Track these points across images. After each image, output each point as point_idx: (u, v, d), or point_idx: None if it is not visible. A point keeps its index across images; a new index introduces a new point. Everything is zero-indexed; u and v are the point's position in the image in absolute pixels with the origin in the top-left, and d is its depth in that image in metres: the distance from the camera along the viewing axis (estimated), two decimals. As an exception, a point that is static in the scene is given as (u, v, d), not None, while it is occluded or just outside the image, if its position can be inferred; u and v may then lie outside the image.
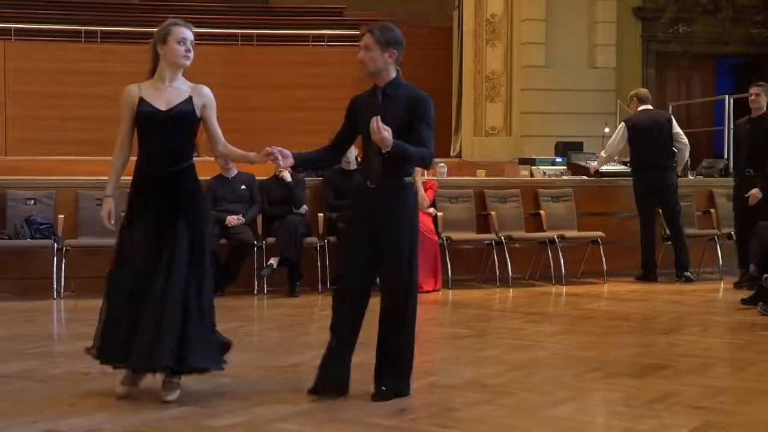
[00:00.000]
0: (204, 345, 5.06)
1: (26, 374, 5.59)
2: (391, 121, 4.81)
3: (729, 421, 4.65)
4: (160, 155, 5.09)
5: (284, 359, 5.84)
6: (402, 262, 5.01)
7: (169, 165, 5.08)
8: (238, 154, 5.49)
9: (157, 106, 5.07)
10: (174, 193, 5.08)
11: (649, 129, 10.27)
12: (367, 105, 5.07)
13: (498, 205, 10.31)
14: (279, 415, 4.70)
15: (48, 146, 16.88)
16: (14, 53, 18.82)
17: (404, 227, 5.05)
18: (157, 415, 4.68)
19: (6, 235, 8.95)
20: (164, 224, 5.03)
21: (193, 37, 5.18)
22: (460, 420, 4.67)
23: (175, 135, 5.11)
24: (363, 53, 5.00)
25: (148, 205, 5.06)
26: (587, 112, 16.26)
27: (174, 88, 5.14)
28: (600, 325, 7.75)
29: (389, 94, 5.03)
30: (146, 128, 5.10)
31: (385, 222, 5.00)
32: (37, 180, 9.87)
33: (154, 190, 5.06)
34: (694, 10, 18.11)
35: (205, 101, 5.20)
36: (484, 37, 17.13)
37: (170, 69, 5.13)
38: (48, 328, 7.61)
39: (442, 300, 9.13)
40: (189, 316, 4.98)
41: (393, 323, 5.02)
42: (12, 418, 4.59)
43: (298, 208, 9.36)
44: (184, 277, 4.98)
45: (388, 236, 5.00)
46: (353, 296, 5.07)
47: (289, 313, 8.20)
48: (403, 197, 5.07)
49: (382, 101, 5.01)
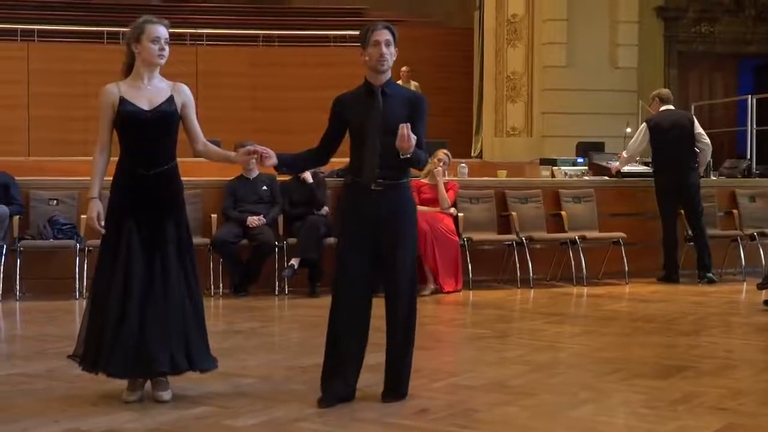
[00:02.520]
0: (203, 346, 5.09)
1: (50, 374, 5.62)
2: (393, 121, 4.79)
3: (752, 423, 4.63)
4: (144, 156, 5.01)
5: (305, 359, 5.85)
6: (407, 264, 5.00)
7: (153, 165, 5.01)
8: (218, 154, 5.41)
9: (140, 105, 4.99)
10: (160, 194, 5.02)
11: (671, 129, 10.23)
12: (360, 105, 4.98)
13: (519, 206, 10.28)
14: (300, 414, 4.71)
15: (70, 147, 16.95)
16: (37, 55, 18.93)
17: (407, 227, 5.03)
18: (178, 414, 4.70)
19: (29, 236, 9.01)
20: (151, 226, 4.98)
21: (168, 34, 5.06)
22: (482, 421, 4.66)
23: (158, 135, 5.03)
24: (385, 48, 4.88)
25: (132, 207, 4.99)
26: (609, 112, 16.18)
27: (154, 87, 5.06)
28: (621, 326, 7.72)
29: (388, 93, 4.97)
30: (129, 128, 5.01)
31: (387, 223, 4.94)
32: (60, 180, 9.91)
33: (139, 192, 4.99)
34: (716, 9, 18.00)
35: (185, 100, 5.13)
36: (505, 37, 17.10)
37: (147, 68, 5.05)
38: (70, 328, 7.63)
39: (462, 301, 9.13)
40: (187, 319, 4.99)
41: (403, 325, 4.99)
42: (35, 417, 4.62)
43: (318, 209, 9.37)
44: (178, 280, 4.97)
45: (392, 238, 4.95)
46: (357, 303, 4.98)
47: (309, 313, 8.21)
48: (403, 197, 5.02)
49: (383, 102, 4.94)
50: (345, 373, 4.95)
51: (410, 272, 5.03)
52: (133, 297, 4.89)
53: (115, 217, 5.01)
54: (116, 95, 5.01)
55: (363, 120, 4.87)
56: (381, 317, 5.00)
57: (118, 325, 4.87)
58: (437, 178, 9.68)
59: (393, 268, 4.98)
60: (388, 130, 4.77)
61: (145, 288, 4.92)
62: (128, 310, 4.88)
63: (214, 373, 5.16)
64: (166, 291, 4.94)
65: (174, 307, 4.94)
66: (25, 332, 7.54)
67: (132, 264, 4.93)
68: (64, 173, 11.69)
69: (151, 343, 4.86)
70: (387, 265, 4.99)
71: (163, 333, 4.88)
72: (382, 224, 4.94)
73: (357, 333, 4.98)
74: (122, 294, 4.90)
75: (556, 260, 10.28)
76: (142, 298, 4.91)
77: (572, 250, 10.05)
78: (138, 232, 4.96)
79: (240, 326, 7.54)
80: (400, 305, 4.98)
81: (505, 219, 10.24)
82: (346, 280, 4.99)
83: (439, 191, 9.66)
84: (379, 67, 4.90)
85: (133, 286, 4.90)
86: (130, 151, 5.04)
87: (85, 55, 18.82)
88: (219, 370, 5.20)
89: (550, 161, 12.76)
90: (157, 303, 4.91)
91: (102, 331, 4.91)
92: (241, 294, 9.12)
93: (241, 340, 6.89)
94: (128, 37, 5.07)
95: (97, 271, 5.12)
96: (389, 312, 5.00)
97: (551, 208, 10.52)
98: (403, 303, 4.99)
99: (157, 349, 4.87)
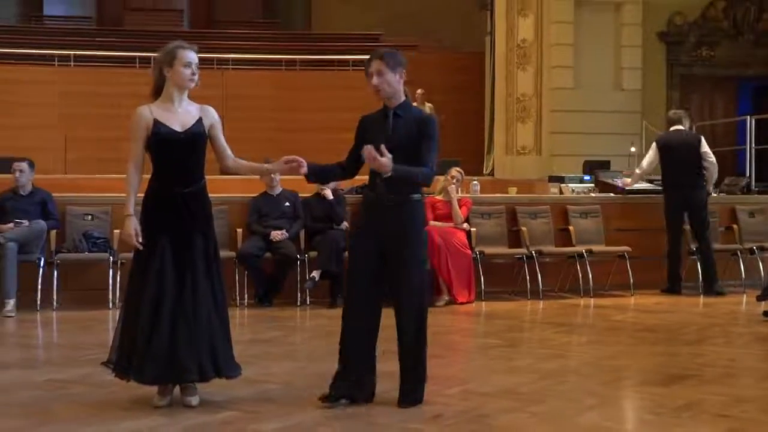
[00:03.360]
0: (228, 354, 5.10)
1: (84, 380, 5.64)
2: (402, 141, 4.84)
3: (753, 429, 4.60)
4: (177, 175, 5.03)
5: (325, 367, 5.83)
6: (414, 279, 4.98)
7: (186, 184, 5.03)
8: (251, 167, 5.45)
9: (173, 127, 5.00)
10: (191, 211, 5.03)
11: (678, 148, 10.21)
12: (375, 125, 5.03)
13: (529, 221, 10.27)
14: (321, 420, 4.71)
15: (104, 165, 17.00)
16: (73, 78, 19.07)
17: (415, 243, 5.00)
18: (205, 419, 4.70)
19: (65, 249, 9.05)
20: (182, 241, 4.99)
21: (197, 59, 5.07)
22: (493, 426, 4.65)
23: (190, 155, 5.05)
24: (376, 79, 4.94)
25: (165, 223, 5.00)
26: (614, 132, 16.17)
27: (184, 109, 5.08)
28: (627, 335, 7.69)
29: (400, 115, 5.00)
30: (163, 149, 5.00)
31: (395, 237, 4.94)
32: (94, 197, 9.96)
33: (172, 209, 5.00)
34: (716, 34, 17.97)
35: (212, 122, 5.15)
36: (515, 61, 17.10)
37: (178, 91, 5.06)
38: (104, 337, 7.65)
39: (475, 311, 9.10)
40: (213, 329, 5.00)
41: (410, 337, 4.98)
42: (70, 421, 4.64)
43: (338, 224, 9.39)
44: (206, 293, 4.98)
45: (399, 253, 4.94)
46: (367, 314, 4.98)
47: (330, 323, 8.17)
48: (411, 212, 5.00)
49: (393, 122, 4.98)
50: (352, 375, 4.96)
51: (417, 287, 5.01)
52: (164, 308, 4.90)
53: (148, 233, 5.01)
54: (150, 117, 5.01)
55: (375, 139, 4.88)
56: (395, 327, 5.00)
57: (150, 335, 4.89)
58: (451, 195, 9.69)
59: (399, 282, 4.98)
60: (396, 148, 4.78)
61: (176, 300, 4.93)
62: (159, 321, 4.89)
63: (239, 380, 5.17)
64: (195, 303, 4.94)
65: (202, 318, 4.94)
66: (60, 340, 7.57)
67: (164, 277, 4.94)
68: (98, 190, 11.72)
69: (180, 352, 4.87)
70: (394, 280, 4.99)
71: (192, 342, 4.89)
72: (391, 238, 4.94)
73: (363, 338, 4.98)
74: (154, 305, 4.91)
75: (564, 273, 10.25)
76: (173, 309, 4.92)
77: (579, 263, 10.01)
78: (170, 247, 4.98)
79: (264, 335, 7.54)
80: (405, 319, 4.98)
81: (516, 233, 10.22)
82: (355, 287, 5.02)
83: (452, 207, 9.66)
84: (380, 95, 4.99)
85: (164, 298, 4.91)
86: (164, 171, 5.05)
87: (117, 78, 18.93)
88: (244, 377, 5.20)
89: (558, 178, 12.72)
90: (187, 314, 4.91)
91: (134, 340, 4.93)
92: (265, 304, 9.14)
93: (265, 348, 6.88)
94: (160, 61, 5.07)
95: (130, 282, 5.14)
96: (397, 325, 5.01)
97: (559, 223, 10.49)
98: (409, 317, 4.98)
99: (186, 357, 4.87)
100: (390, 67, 4.96)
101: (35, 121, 18.56)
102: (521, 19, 17.00)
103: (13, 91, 18.60)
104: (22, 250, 8.66)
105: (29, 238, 8.77)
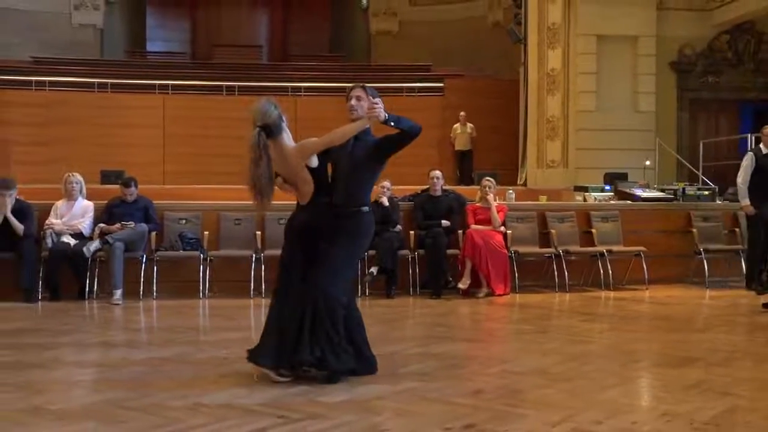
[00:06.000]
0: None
1: (178, 357, 5.69)
2: (360, 153, 4.98)
3: (753, 405, 4.51)
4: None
5: (383, 348, 5.84)
6: (337, 261, 4.91)
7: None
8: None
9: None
10: (340, 223, 5.04)
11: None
12: (343, 146, 5.06)
13: (557, 224, 10.20)
14: (379, 393, 4.71)
15: (196, 177, 17.22)
16: (171, 104, 19.34)
17: (347, 244, 4.96)
18: (280, 392, 4.72)
19: (163, 248, 9.17)
20: (319, 246, 5.00)
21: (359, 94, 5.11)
22: (526, 400, 4.61)
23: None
24: (355, 102, 5.04)
25: (317, 230, 5.03)
26: (631, 148, 16.05)
27: None
28: (642, 324, 7.59)
29: (360, 138, 5.06)
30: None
31: (334, 235, 4.93)
32: (188, 204, 10.07)
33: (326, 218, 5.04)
34: (721, 63, 17.76)
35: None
36: (545, 87, 16.99)
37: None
38: (195, 321, 7.74)
39: (510, 302, 9.04)
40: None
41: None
42: (167, 392, 4.68)
43: (393, 227, 9.38)
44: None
45: (329, 247, 4.91)
46: (291, 293, 4.95)
47: (386, 311, 8.20)
48: (359, 221, 5.01)
49: (354, 144, 5.06)
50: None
51: (336, 269, 4.92)
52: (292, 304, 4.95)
53: (297, 237, 5.06)
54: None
55: (338, 156, 5.05)
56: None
57: (277, 326, 4.97)
58: (490, 203, 9.65)
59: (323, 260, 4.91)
60: (356, 166, 4.97)
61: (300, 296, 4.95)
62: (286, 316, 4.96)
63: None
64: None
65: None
66: (159, 324, 7.65)
67: (293, 274, 5.01)
68: (190, 198, 11.87)
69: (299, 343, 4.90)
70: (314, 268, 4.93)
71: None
72: (330, 235, 4.96)
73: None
74: (284, 306, 4.99)
75: (588, 269, 10.15)
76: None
77: (601, 261, 9.91)
78: (311, 250, 5.01)
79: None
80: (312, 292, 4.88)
81: (546, 235, 10.15)
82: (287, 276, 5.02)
83: (491, 213, 9.61)
84: (351, 116, 5.06)
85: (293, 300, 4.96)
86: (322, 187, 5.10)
87: (207, 104, 19.19)
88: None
89: (582, 188, 12.65)
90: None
91: (269, 334, 5.01)
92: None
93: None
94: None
95: (276, 284, 5.16)
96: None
97: (583, 226, 10.40)
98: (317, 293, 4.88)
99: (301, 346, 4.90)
100: (367, 96, 5.05)
101: (140, 140, 18.87)
102: (551, 51, 16.90)
103: (122, 115, 18.94)
104: (128, 249, 8.79)
105: (134, 238, 8.89)
